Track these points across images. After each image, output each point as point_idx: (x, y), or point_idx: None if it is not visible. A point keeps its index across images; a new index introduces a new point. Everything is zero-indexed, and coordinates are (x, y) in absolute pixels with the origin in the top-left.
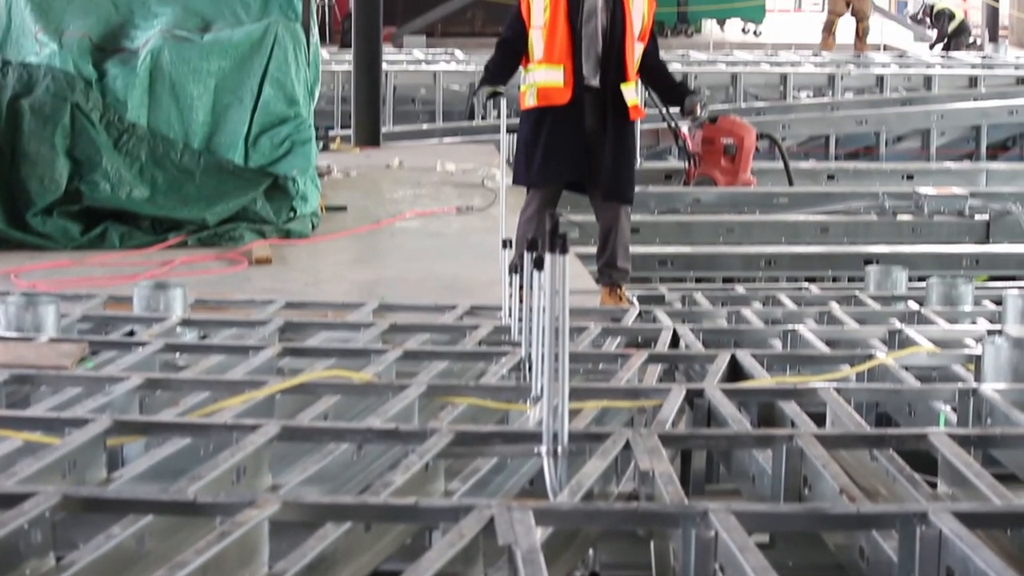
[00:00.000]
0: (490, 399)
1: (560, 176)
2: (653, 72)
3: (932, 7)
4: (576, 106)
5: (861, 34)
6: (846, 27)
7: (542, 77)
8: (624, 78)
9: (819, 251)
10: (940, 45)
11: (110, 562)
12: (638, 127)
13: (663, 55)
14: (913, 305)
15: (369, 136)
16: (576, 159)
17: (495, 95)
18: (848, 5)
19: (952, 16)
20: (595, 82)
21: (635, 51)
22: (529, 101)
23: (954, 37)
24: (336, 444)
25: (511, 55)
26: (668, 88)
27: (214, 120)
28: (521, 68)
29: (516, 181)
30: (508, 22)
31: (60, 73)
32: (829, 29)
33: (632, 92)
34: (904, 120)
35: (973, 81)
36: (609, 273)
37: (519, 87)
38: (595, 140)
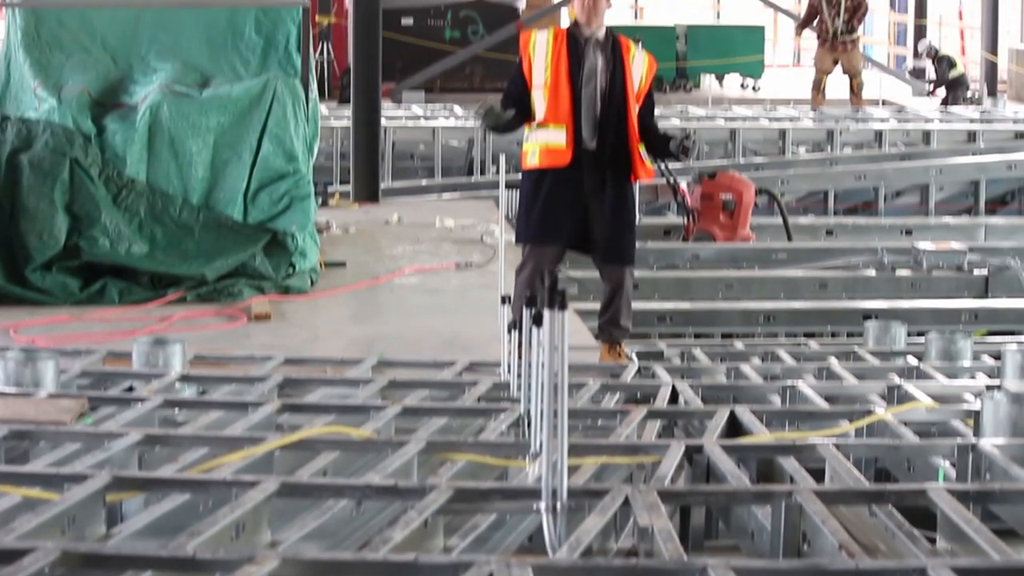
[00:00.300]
0: (489, 455)
1: (557, 238)
2: (642, 132)
3: (937, 51)
4: (576, 167)
5: (856, 90)
6: (839, 83)
7: (544, 138)
8: (626, 141)
9: (818, 307)
10: (938, 90)
11: None
12: (636, 186)
13: (661, 110)
14: (912, 360)
15: (368, 192)
16: (574, 221)
17: (493, 121)
18: (835, 62)
19: (953, 64)
20: (592, 144)
21: (634, 111)
22: (531, 161)
23: (952, 88)
24: (335, 500)
25: (517, 106)
26: (655, 143)
27: (213, 175)
28: (524, 127)
29: (516, 239)
30: (510, 79)
31: (59, 128)
32: (818, 87)
33: (644, 153)
34: (903, 175)
35: (972, 136)
36: (610, 331)
37: (520, 144)
38: (594, 202)
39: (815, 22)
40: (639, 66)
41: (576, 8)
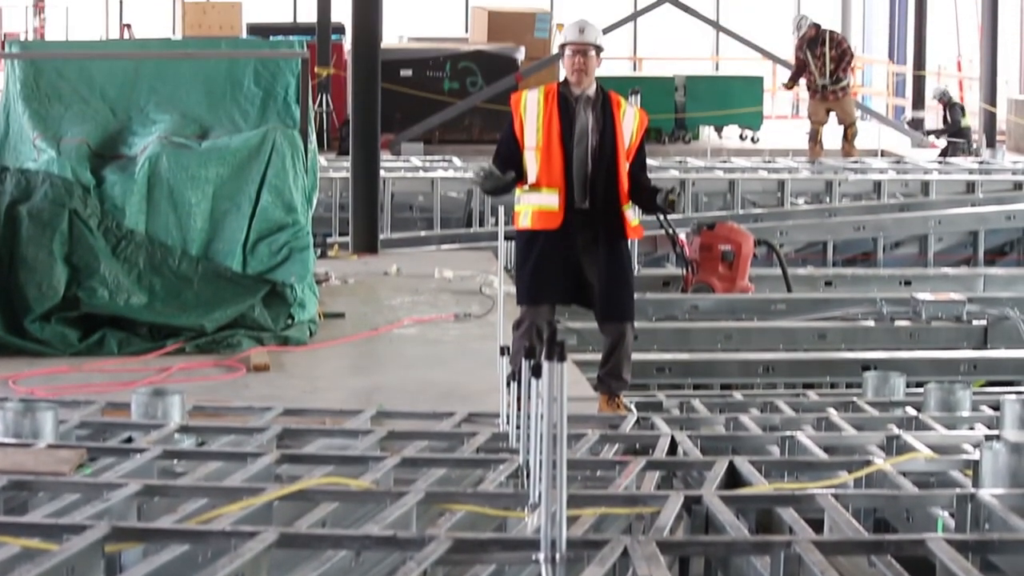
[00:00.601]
0: (488, 506)
1: (549, 299)
2: (632, 188)
3: (950, 97)
4: (568, 227)
5: (849, 138)
6: (837, 133)
7: (537, 200)
8: (616, 198)
9: (817, 357)
10: (940, 139)
11: None
12: (634, 241)
13: (660, 161)
14: (911, 411)
15: (367, 243)
16: (568, 280)
17: (493, 185)
18: (828, 112)
19: (963, 113)
20: (584, 204)
21: (624, 170)
22: (523, 222)
23: (958, 136)
24: (334, 551)
25: (510, 166)
26: (644, 198)
27: (212, 227)
28: (516, 188)
29: (517, 300)
30: (501, 138)
31: (58, 179)
32: (814, 138)
33: (632, 213)
34: (902, 226)
35: (970, 187)
36: (609, 383)
37: (514, 204)
38: (587, 259)
39: (804, 74)
40: (629, 122)
41: (566, 68)
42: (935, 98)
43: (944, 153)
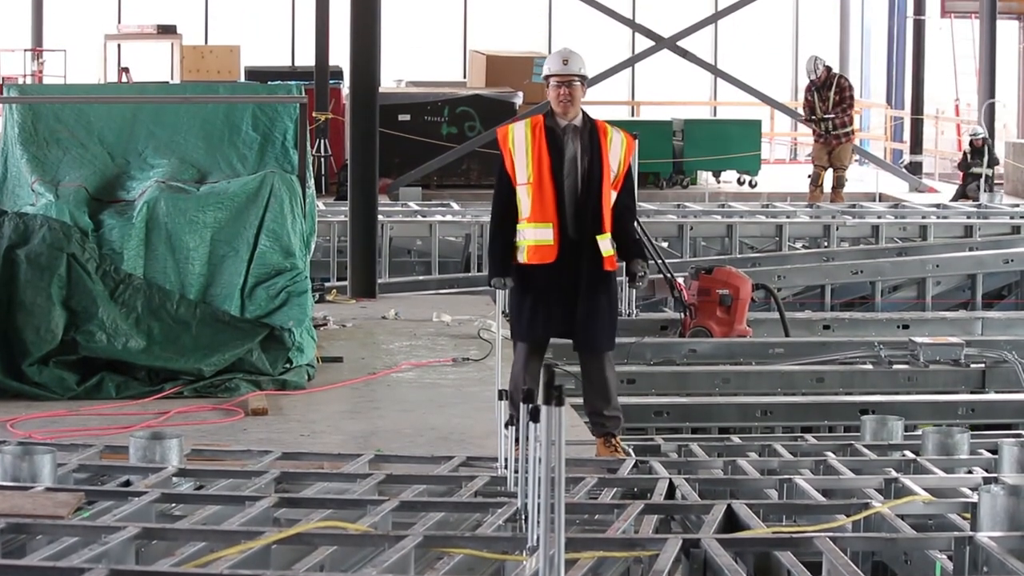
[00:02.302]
0: (486, 550)
1: (544, 332)
2: (616, 223)
3: (986, 138)
4: (561, 260)
5: (835, 183)
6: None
7: (532, 236)
8: (600, 229)
9: (815, 401)
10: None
11: None
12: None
13: (658, 206)
14: (909, 454)
15: (365, 287)
16: (560, 313)
17: (504, 286)
18: (830, 156)
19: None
20: (576, 235)
21: (610, 199)
22: (519, 258)
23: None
24: None
25: (508, 222)
26: (623, 244)
27: (210, 271)
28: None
29: (512, 336)
30: (498, 180)
31: (56, 223)
32: (816, 181)
33: (608, 243)
34: (899, 269)
35: (968, 230)
36: (601, 423)
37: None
38: (579, 290)
39: (811, 118)
40: (616, 151)
41: (551, 99)
42: (973, 139)
43: (959, 196)
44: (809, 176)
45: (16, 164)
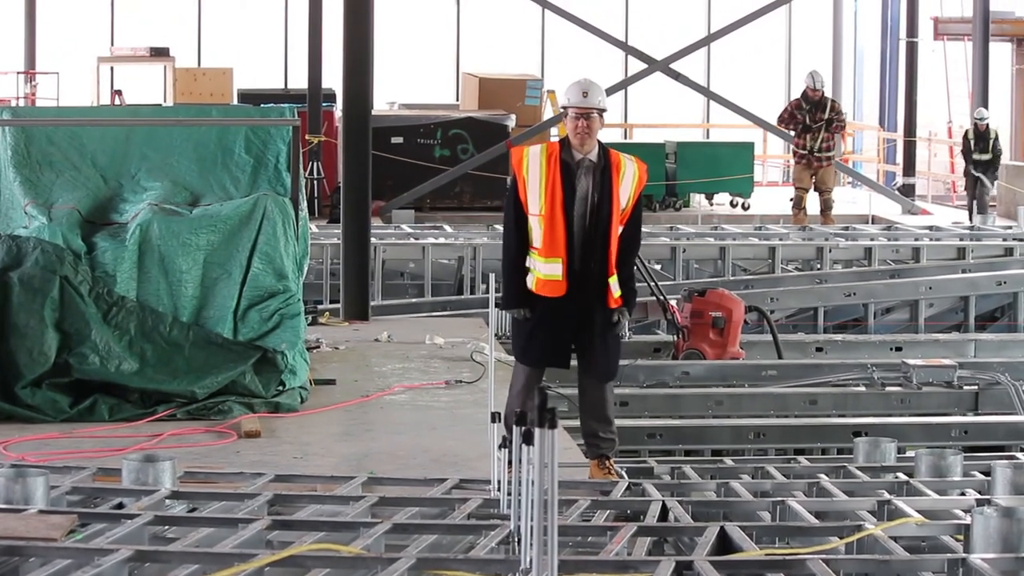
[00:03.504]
0: (479, 572)
1: (547, 360)
2: (619, 254)
3: (988, 124)
4: (569, 294)
5: (823, 207)
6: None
7: (542, 270)
8: (607, 264)
9: (808, 423)
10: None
11: None
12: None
13: (651, 227)
14: (902, 476)
15: (358, 310)
16: (562, 342)
17: (524, 317)
18: (812, 178)
19: (998, 139)
20: (583, 269)
21: (617, 233)
22: (527, 283)
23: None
24: None
25: (523, 249)
26: (620, 280)
27: (203, 293)
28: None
29: (515, 357)
30: (508, 201)
31: (49, 246)
32: (799, 204)
33: (616, 285)
34: (892, 291)
35: (961, 252)
36: (597, 444)
37: None
38: (582, 320)
39: (793, 134)
40: (627, 185)
41: (568, 130)
42: (975, 126)
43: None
44: (791, 199)
45: (9, 187)
